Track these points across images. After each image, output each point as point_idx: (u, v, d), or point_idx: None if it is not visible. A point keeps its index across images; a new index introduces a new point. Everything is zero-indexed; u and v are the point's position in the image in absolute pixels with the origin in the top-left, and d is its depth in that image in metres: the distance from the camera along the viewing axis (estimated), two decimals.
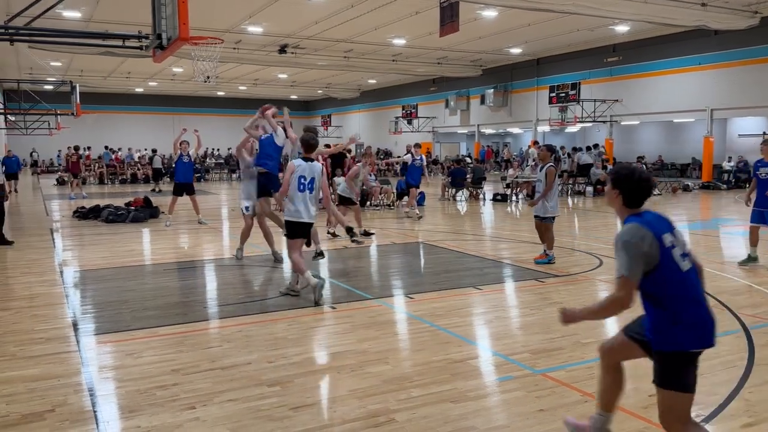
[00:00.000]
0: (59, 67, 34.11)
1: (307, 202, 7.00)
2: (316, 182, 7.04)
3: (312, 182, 7.01)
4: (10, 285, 8.27)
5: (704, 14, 20.19)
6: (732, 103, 24.68)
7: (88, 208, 15.71)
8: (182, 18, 7.33)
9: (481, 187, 21.35)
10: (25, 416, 4.10)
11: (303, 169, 6.98)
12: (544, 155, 9.53)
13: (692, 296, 3.25)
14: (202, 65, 18.00)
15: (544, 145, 9.80)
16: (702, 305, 3.28)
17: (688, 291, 3.23)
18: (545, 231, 9.35)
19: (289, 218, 7.07)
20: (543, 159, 9.53)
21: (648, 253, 3.14)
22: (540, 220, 9.35)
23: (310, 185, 7.00)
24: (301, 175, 6.96)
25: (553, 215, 9.34)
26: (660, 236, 3.24)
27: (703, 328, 3.27)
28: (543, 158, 9.54)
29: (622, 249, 3.21)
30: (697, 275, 3.36)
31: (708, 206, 19.39)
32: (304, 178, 6.97)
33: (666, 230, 3.31)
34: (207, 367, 4.98)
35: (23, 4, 9.40)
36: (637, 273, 3.16)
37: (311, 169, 7.03)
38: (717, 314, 6.36)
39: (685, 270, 3.24)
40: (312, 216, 7.11)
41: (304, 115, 59.20)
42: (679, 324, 3.20)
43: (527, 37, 27.63)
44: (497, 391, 4.56)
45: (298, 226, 7.07)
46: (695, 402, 3.35)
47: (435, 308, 6.88)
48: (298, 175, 6.95)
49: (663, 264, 3.17)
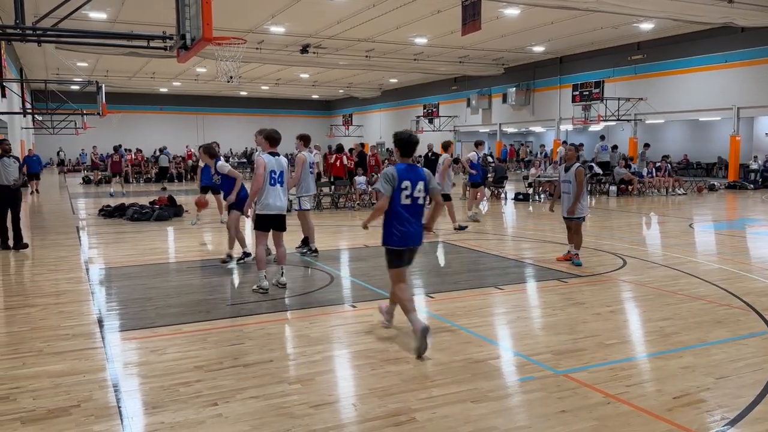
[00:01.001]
0: (85, 67, 34.64)
1: (278, 195, 7.38)
2: (285, 175, 7.48)
3: (281, 175, 7.41)
4: (37, 282, 8.42)
5: (731, 11, 19.83)
6: (759, 102, 24.24)
7: (113, 207, 15.93)
8: (206, 18, 7.39)
9: (503, 186, 21.23)
10: (51, 411, 4.18)
11: (272, 164, 7.31)
12: (571, 155, 9.32)
13: (405, 218, 5.43)
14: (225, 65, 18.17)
15: (571, 144, 9.57)
16: (408, 225, 5.46)
17: (401, 215, 5.42)
18: (574, 232, 9.19)
19: (260, 212, 7.36)
20: (570, 159, 9.29)
21: (391, 184, 5.37)
22: (569, 220, 9.18)
23: (281, 179, 7.40)
24: (272, 170, 7.29)
25: (582, 216, 9.15)
26: (400, 179, 5.39)
27: (404, 237, 5.45)
28: (570, 158, 9.30)
29: (382, 177, 5.46)
30: (418, 209, 5.51)
31: (734, 206, 19.08)
32: (274, 173, 7.31)
33: (406, 178, 5.43)
34: (229, 365, 5.03)
35: (50, 5, 9.55)
36: (387, 191, 5.39)
37: (279, 163, 7.39)
38: (743, 315, 6.33)
39: (403, 203, 5.42)
40: (283, 208, 7.48)
41: (325, 115, 59.46)
42: (392, 231, 5.47)
43: (550, 36, 27.41)
44: (518, 392, 4.54)
45: (268, 219, 7.42)
46: (720, 405, 4.14)
47: (456, 308, 6.86)
48: (269, 170, 7.27)
49: (394, 195, 5.41)
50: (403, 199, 5.45)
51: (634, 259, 9.49)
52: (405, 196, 5.45)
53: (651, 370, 4.98)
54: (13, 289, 8.19)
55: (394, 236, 5.49)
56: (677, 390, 4.48)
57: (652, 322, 6.30)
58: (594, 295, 7.36)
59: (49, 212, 17.64)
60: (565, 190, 9.17)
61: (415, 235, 5.54)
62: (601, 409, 4.17)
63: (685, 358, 5.15)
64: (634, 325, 6.37)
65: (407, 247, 5.54)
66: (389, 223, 5.50)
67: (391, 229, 5.49)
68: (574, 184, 8.99)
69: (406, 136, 5.59)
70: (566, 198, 9.14)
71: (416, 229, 5.54)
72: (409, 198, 5.46)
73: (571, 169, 9.08)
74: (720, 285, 7.80)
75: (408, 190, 5.45)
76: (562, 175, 9.27)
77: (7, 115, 24.39)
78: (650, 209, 17.41)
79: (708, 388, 4.51)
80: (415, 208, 5.52)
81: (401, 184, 5.42)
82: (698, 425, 3.95)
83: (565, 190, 9.16)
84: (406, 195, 5.45)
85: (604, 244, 11.12)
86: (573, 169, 9.05)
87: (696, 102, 26.63)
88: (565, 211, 9.18)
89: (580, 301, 7.06)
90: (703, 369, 4.90)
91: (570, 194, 9.06)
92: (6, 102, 24.68)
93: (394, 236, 5.49)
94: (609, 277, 8.43)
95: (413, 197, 5.48)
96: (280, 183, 7.38)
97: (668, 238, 12.41)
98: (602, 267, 9.02)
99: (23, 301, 7.29)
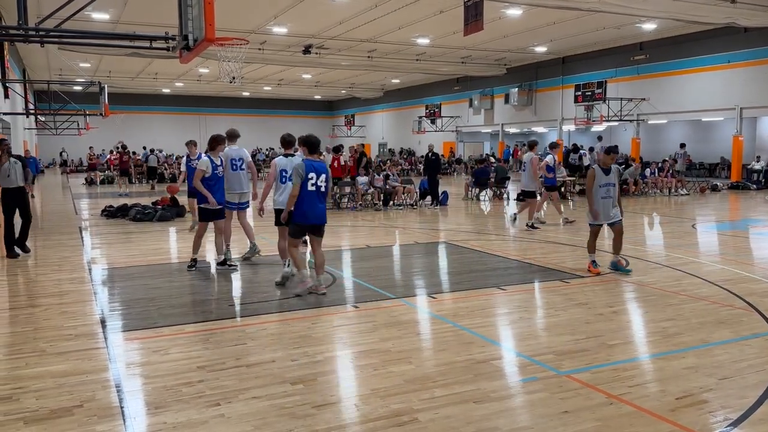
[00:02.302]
0: (88, 68, 34.69)
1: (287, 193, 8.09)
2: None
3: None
4: (40, 282, 8.44)
5: (734, 11, 19.80)
6: (762, 102, 24.19)
7: (116, 207, 15.96)
8: (208, 19, 7.40)
9: (505, 186, 21.22)
10: (54, 411, 4.18)
11: (284, 164, 8.11)
12: (611, 158, 8.68)
13: (309, 201, 7.03)
14: (227, 66, 18.22)
15: (608, 147, 8.94)
16: (312, 206, 7.08)
17: (305, 199, 7.03)
18: (619, 234, 8.70)
19: (276, 207, 8.12)
20: (605, 163, 8.65)
21: (300, 175, 6.96)
22: (615, 224, 8.66)
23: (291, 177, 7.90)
24: (283, 169, 8.10)
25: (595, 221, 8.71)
26: (308, 171, 7.01)
27: (304, 216, 7.08)
28: (606, 162, 8.66)
29: (294, 171, 7.07)
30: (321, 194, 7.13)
31: (737, 206, 19.05)
32: (285, 172, 8.07)
33: (312, 171, 7.04)
34: (232, 365, 5.03)
35: (53, 6, 9.57)
36: (297, 183, 6.98)
37: (292, 163, 7.93)
38: (745, 316, 6.32)
39: (309, 189, 7.02)
40: None
41: (327, 115, 59.50)
42: (299, 211, 7.07)
43: (552, 36, 27.39)
44: (521, 392, 4.54)
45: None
46: (723, 406, 4.21)
47: (458, 308, 6.86)
48: (280, 170, 8.12)
49: (303, 184, 6.98)
50: (309, 187, 7.04)
51: (636, 260, 9.47)
52: (311, 184, 7.05)
53: (654, 371, 4.98)
54: (17, 289, 8.20)
55: (301, 215, 7.10)
56: (680, 391, 4.48)
57: (655, 322, 6.30)
58: (596, 296, 7.36)
59: (52, 213, 17.68)
60: (604, 194, 8.55)
61: (319, 214, 7.19)
62: (603, 410, 4.16)
63: (688, 359, 5.14)
64: (637, 326, 6.37)
65: (309, 224, 7.20)
66: (299, 205, 7.06)
67: (301, 209, 7.07)
68: (616, 187, 8.61)
69: (312, 138, 7.31)
70: (607, 202, 8.56)
71: (320, 209, 7.19)
72: (314, 186, 7.06)
73: (612, 171, 8.63)
74: (723, 286, 7.79)
75: (313, 179, 7.06)
76: (601, 179, 8.54)
77: (10, 116, 24.45)
78: (653, 209, 17.39)
79: (711, 389, 4.50)
80: (318, 193, 7.12)
81: (308, 176, 7.03)
82: (701, 426, 3.94)
83: (605, 194, 8.55)
84: (312, 183, 7.05)
85: (607, 245, 11.09)
86: (614, 171, 8.65)
87: (699, 102, 26.59)
88: (608, 215, 8.60)
89: (582, 302, 7.05)
90: (706, 370, 4.89)
91: (613, 198, 8.57)
92: (9, 103, 24.74)
93: (301, 215, 7.10)
94: (611, 277, 8.42)
95: (317, 185, 7.10)
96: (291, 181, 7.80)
97: (671, 238, 12.40)
98: (604, 267, 9.00)
99: (26, 302, 7.32)
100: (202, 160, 8.89)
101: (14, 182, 10.19)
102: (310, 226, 7.25)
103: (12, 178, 10.18)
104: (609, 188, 8.58)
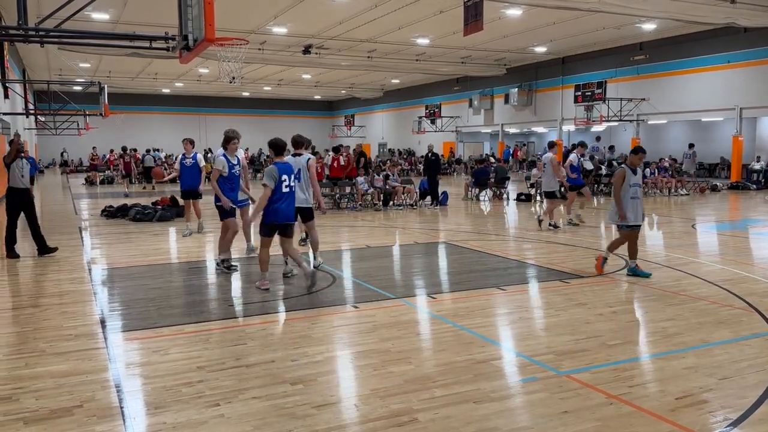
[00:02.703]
0: (88, 68, 34.69)
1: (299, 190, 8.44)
2: (302, 173, 8.52)
3: (299, 173, 8.37)
4: (40, 282, 8.44)
5: (733, 11, 19.80)
6: (762, 102, 24.20)
7: (115, 207, 15.96)
8: (208, 19, 7.40)
9: (505, 186, 21.23)
10: (53, 411, 4.18)
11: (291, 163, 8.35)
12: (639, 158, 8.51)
13: (285, 201, 7.38)
14: (227, 66, 18.22)
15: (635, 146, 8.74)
16: (287, 206, 7.44)
17: (279, 198, 7.32)
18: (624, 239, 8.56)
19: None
20: (633, 162, 8.49)
21: (274, 178, 7.25)
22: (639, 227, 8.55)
23: (298, 176, 8.32)
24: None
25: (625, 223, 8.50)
26: (280, 173, 7.31)
27: (276, 214, 7.36)
28: (633, 161, 8.49)
29: (267, 173, 7.33)
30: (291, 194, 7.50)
31: (737, 207, 19.05)
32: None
33: (284, 173, 7.37)
34: (231, 365, 5.03)
35: (53, 6, 9.57)
36: (270, 184, 7.24)
37: (297, 162, 8.47)
38: (745, 316, 6.32)
39: (283, 190, 7.34)
40: (305, 200, 8.67)
41: (327, 115, 59.49)
42: (272, 209, 7.34)
43: (552, 36, 27.40)
44: (521, 392, 4.54)
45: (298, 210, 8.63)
46: (723, 406, 4.22)
47: (458, 308, 6.86)
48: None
49: (276, 185, 7.26)
50: (283, 188, 7.39)
51: (636, 260, 9.45)
52: (285, 185, 7.40)
53: (653, 371, 4.98)
54: (17, 289, 8.20)
55: (276, 214, 7.39)
56: (680, 391, 4.48)
57: (655, 322, 6.30)
58: (596, 296, 7.36)
59: (52, 213, 17.67)
60: (633, 194, 8.39)
61: (290, 213, 7.54)
62: (603, 410, 4.16)
63: (688, 359, 5.14)
64: (637, 326, 6.37)
65: (282, 223, 7.47)
66: (275, 204, 7.34)
67: (276, 208, 7.36)
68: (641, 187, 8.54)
69: (278, 141, 7.68)
70: (636, 203, 8.40)
71: (292, 209, 7.58)
72: (288, 187, 7.45)
73: (638, 172, 8.54)
74: (722, 286, 7.79)
75: (286, 181, 7.41)
76: (631, 179, 8.38)
77: (10, 116, 24.45)
78: (652, 210, 17.39)
79: (711, 389, 4.50)
80: (290, 194, 7.52)
81: (281, 178, 7.35)
82: (701, 426, 3.94)
83: (635, 194, 8.40)
84: (286, 185, 7.41)
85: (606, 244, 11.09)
86: (640, 172, 8.60)
87: (699, 102, 26.59)
88: (638, 216, 8.44)
89: (582, 302, 7.05)
90: (706, 370, 4.89)
91: (640, 198, 8.44)
92: (9, 103, 24.74)
93: (276, 214, 7.39)
94: (611, 277, 8.42)
95: (290, 186, 7.49)
96: (298, 180, 8.18)
97: (671, 238, 12.40)
98: (604, 267, 9.00)
99: (26, 302, 7.32)
100: (219, 159, 8.77)
101: (24, 183, 10.16)
102: (283, 225, 7.50)
103: (25, 178, 10.16)
104: (637, 189, 8.45)
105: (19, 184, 10.10)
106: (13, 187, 10.11)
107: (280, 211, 7.37)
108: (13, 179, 10.07)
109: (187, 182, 12.58)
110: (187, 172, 12.58)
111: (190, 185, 12.58)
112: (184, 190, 12.67)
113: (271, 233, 7.54)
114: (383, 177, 18.21)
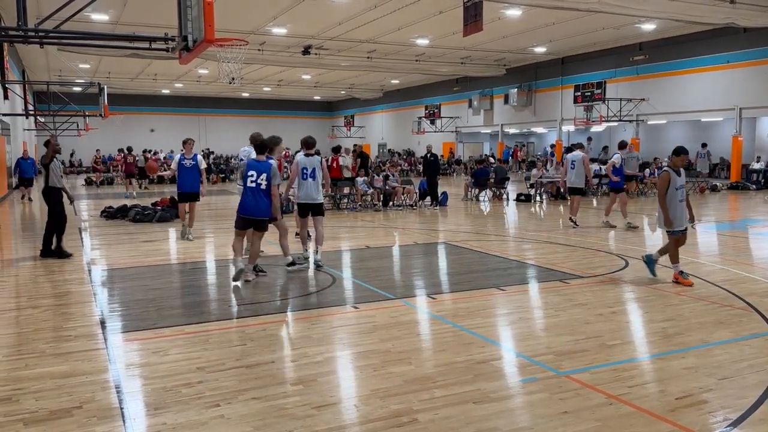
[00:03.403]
0: (88, 69, 34.68)
1: (310, 188, 8.92)
2: (316, 171, 8.91)
3: (314, 172, 8.90)
4: (40, 283, 8.43)
5: (733, 11, 19.81)
6: (761, 102, 24.21)
7: (115, 208, 15.96)
8: (208, 20, 7.40)
9: (505, 187, 21.23)
10: (53, 412, 4.18)
11: (305, 162, 8.91)
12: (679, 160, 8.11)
13: (249, 196, 7.79)
14: (227, 67, 18.21)
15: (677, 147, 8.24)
16: (250, 201, 7.82)
17: (246, 194, 7.83)
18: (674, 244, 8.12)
19: (299, 201, 9.10)
20: (676, 164, 8.10)
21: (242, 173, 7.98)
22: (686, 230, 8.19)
23: (313, 174, 8.89)
24: (304, 167, 8.87)
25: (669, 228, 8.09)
26: (249, 169, 7.87)
27: (243, 208, 7.85)
28: (676, 163, 8.11)
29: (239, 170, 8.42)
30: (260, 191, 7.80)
31: (736, 207, 19.06)
32: (306, 169, 8.88)
33: (254, 169, 7.85)
34: (231, 366, 5.03)
35: (53, 7, 9.57)
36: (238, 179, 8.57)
37: (312, 161, 8.92)
38: (745, 316, 6.31)
39: (248, 185, 7.80)
40: (315, 198, 8.98)
41: (327, 116, 59.48)
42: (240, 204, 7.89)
43: (552, 36, 27.40)
44: (520, 393, 4.54)
45: (304, 207, 9.09)
46: (723, 406, 4.21)
47: (458, 308, 6.86)
48: (302, 167, 8.89)
49: (243, 180, 7.83)
50: (249, 183, 7.81)
51: (636, 260, 9.46)
52: (251, 181, 7.80)
53: (653, 371, 4.98)
54: (16, 290, 8.20)
55: (241, 207, 7.92)
56: (680, 391, 4.48)
57: (655, 323, 6.30)
58: (596, 296, 7.36)
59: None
60: (681, 197, 7.99)
61: (256, 209, 7.85)
62: (603, 410, 4.16)
63: (688, 359, 5.14)
64: (637, 326, 6.37)
65: (249, 217, 7.89)
66: (242, 198, 7.95)
67: (242, 203, 7.91)
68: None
69: (259, 141, 8.12)
70: (683, 206, 8.03)
71: (261, 204, 7.85)
72: (253, 183, 7.79)
73: (682, 173, 8.11)
74: (722, 286, 7.79)
75: (253, 177, 7.80)
76: (677, 182, 7.97)
77: (9, 117, 24.44)
78: (653, 210, 17.38)
79: (711, 389, 4.50)
80: (258, 190, 7.82)
81: (248, 173, 7.85)
82: (701, 426, 3.94)
83: (682, 197, 8.00)
84: (251, 180, 7.80)
85: (606, 245, 11.11)
86: (684, 173, 8.21)
87: (698, 103, 26.60)
88: (683, 220, 8.04)
89: (582, 302, 7.05)
90: (706, 370, 4.89)
91: (684, 201, 8.07)
92: (9, 104, 24.73)
93: (241, 207, 7.92)
94: (611, 278, 8.42)
95: (257, 183, 7.80)
96: (312, 177, 8.84)
97: None
98: (603, 268, 9.02)
99: (26, 302, 7.31)
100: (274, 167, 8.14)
101: (60, 183, 10.43)
102: (252, 220, 7.92)
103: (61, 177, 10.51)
104: (682, 191, 8.06)
105: (57, 184, 10.34)
106: (53, 187, 10.33)
107: (243, 206, 7.91)
108: (52, 179, 10.30)
109: (188, 184, 11.98)
110: (187, 173, 12.00)
111: (190, 187, 11.99)
112: (185, 192, 12.05)
113: (242, 226, 8.05)
114: (383, 177, 18.21)
